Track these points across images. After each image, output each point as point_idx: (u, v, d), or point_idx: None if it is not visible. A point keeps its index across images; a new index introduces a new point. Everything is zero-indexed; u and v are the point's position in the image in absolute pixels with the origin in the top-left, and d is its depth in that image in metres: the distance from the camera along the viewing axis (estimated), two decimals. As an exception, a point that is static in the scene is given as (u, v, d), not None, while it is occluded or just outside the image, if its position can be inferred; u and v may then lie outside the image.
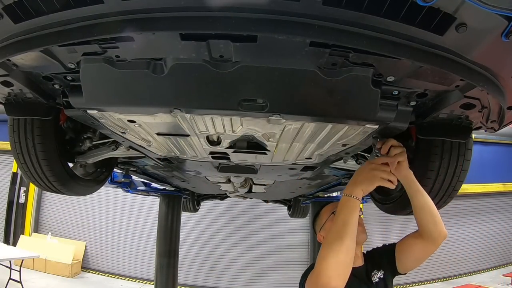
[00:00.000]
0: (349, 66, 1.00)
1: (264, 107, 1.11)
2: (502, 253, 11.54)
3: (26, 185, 10.22)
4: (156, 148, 1.78)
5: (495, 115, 1.28)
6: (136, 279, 9.72)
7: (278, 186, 3.02)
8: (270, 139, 1.46)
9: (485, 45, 0.91)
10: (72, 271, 9.19)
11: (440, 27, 0.86)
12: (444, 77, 1.05)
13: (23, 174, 1.96)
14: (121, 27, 0.87)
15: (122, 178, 3.82)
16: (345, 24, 0.85)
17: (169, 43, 0.95)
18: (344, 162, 1.98)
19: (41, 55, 1.03)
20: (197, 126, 1.37)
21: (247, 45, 0.91)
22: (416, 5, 0.78)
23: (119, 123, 1.43)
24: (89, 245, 10.09)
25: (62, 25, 0.92)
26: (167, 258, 5.57)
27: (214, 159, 1.83)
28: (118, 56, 1.02)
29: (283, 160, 1.81)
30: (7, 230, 10.39)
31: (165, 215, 5.52)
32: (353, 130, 1.34)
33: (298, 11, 0.82)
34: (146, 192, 5.06)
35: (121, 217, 10.14)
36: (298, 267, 9.69)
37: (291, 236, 9.94)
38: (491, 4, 0.76)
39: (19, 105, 1.51)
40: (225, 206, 9.43)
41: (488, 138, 10.34)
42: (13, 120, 1.76)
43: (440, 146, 1.57)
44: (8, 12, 0.92)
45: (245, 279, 9.71)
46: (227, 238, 9.91)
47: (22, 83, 1.26)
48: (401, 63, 0.98)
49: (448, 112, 1.27)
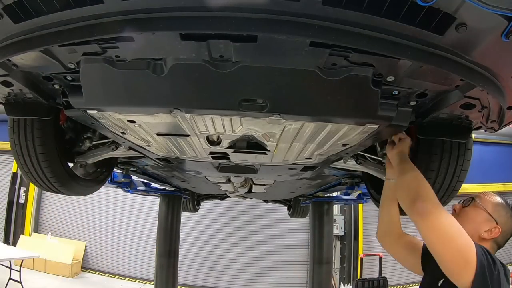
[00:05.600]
0: (349, 66, 1.00)
1: (264, 107, 1.11)
2: (502, 253, 11.51)
3: (26, 185, 10.21)
4: (156, 148, 1.78)
5: (495, 115, 1.28)
6: (136, 279, 9.71)
7: (278, 186, 3.02)
8: (270, 139, 1.46)
9: (485, 45, 0.91)
10: (72, 271, 9.18)
11: (440, 27, 0.86)
12: (444, 77, 1.05)
13: (23, 175, 1.96)
14: (121, 27, 0.87)
15: (122, 178, 3.81)
16: (345, 24, 0.85)
17: (169, 43, 0.95)
18: (344, 162, 1.99)
19: (41, 55, 1.03)
20: (197, 126, 1.37)
21: (247, 45, 0.91)
22: (416, 5, 0.78)
23: (119, 123, 1.43)
24: (89, 245, 10.08)
25: (62, 25, 0.92)
26: (167, 258, 5.57)
27: (214, 159, 1.83)
28: (118, 56, 1.02)
29: (283, 160, 1.81)
30: (7, 230, 10.38)
31: (165, 215, 5.52)
32: (353, 130, 1.34)
33: (298, 11, 0.83)
34: (146, 192, 5.05)
35: (121, 217, 10.13)
36: (298, 267, 9.69)
37: (291, 236, 9.93)
38: (491, 4, 0.76)
39: (19, 105, 1.51)
40: (225, 206, 9.42)
41: (488, 138, 10.33)
42: (13, 122, 1.76)
43: (440, 146, 1.57)
44: (8, 12, 0.92)
45: (244, 279, 9.70)
46: (227, 238, 9.91)
47: (22, 83, 1.26)
48: (401, 63, 0.98)
49: (448, 112, 1.27)
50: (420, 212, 1.33)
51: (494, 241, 1.46)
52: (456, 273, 1.27)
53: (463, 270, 1.24)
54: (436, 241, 1.30)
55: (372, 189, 2.31)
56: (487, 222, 1.45)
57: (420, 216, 1.33)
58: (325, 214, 5.36)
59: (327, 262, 5.44)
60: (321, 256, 5.37)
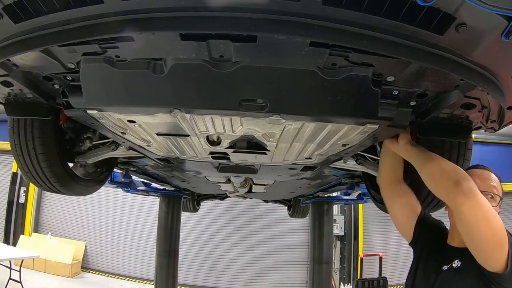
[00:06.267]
0: (349, 66, 1.00)
1: (264, 107, 1.11)
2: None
3: (26, 185, 10.21)
4: (156, 148, 1.78)
5: (495, 115, 1.28)
6: (136, 279, 9.71)
7: (278, 186, 3.02)
8: (270, 139, 1.46)
9: (485, 45, 0.91)
10: (72, 271, 9.18)
11: (440, 27, 0.86)
12: (444, 77, 1.05)
13: (23, 175, 1.96)
14: (121, 27, 0.87)
15: (122, 178, 3.81)
16: (345, 24, 0.85)
17: (169, 43, 0.95)
18: (344, 162, 1.98)
19: (41, 55, 1.03)
20: (197, 126, 1.37)
21: (247, 45, 0.91)
22: (416, 5, 0.78)
23: (119, 123, 1.43)
24: (89, 245, 10.08)
25: (62, 25, 0.92)
26: (167, 258, 5.57)
27: (214, 159, 1.83)
28: (118, 56, 1.02)
29: (283, 160, 1.81)
30: (7, 230, 10.38)
31: (165, 215, 5.52)
32: (353, 130, 1.34)
33: (298, 11, 0.83)
34: (146, 192, 5.06)
35: (121, 217, 10.13)
36: (298, 267, 9.69)
37: (291, 236, 9.93)
38: (491, 4, 0.76)
39: (19, 105, 1.51)
40: (225, 206, 9.41)
41: (488, 138, 10.32)
42: (13, 122, 1.76)
43: (440, 146, 1.57)
44: (8, 12, 0.92)
45: (244, 279, 9.70)
46: (227, 238, 9.91)
47: (22, 83, 1.26)
48: (401, 63, 0.98)
49: (448, 112, 1.27)
50: (466, 192, 1.26)
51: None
52: (490, 255, 1.23)
53: (498, 252, 1.21)
54: (481, 220, 1.23)
55: (372, 189, 2.31)
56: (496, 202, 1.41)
57: (466, 196, 1.26)
58: (325, 214, 5.36)
59: (327, 262, 5.45)
60: (321, 256, 5.37)
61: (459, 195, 1.27)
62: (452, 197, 1.30)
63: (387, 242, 9.09)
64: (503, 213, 1.35)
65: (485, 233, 1.23)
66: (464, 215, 1.26)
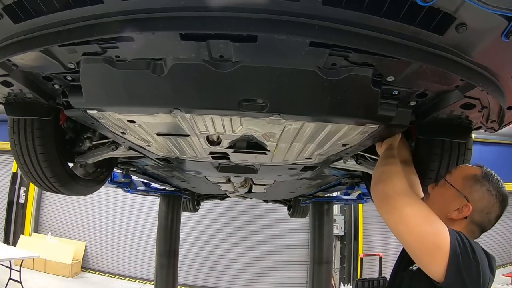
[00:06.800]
0: (349, 66, 1.00)
1: (264, 107, 1.11)
2: (502, 253, 11.51)
3: (26, 185, 10.21)
4: (156, 148, 1.78)
5: (495, 115, 1.28)
6: (136, 279, 9.71)
7: (278, 186, 3.02)
8: (270, 139, 1.46)
9: (485, 45, 0.91)
10: (72, 271, 9.18)
11: (440, 27, 0.86)
12: (444, 77, 1.05)
13: (23, 175, 1.96)
14: (121, 27, 0.87)
15: (122, 178, 3.81)
16: (345, 24, 0.85)
17: (169, 43, 0.95)
18: (344, 162, 1.98)
19: (41, 55, 1.03)
20: (197, 126, 1.37)
21: (247, 45, 0.91)
22: (416, 5, 0.78)
23: (119, 123, 1.43)
24: (89, 245, 10.08)
25: (62, 25, 0.92)
26: (167, 258, 5.57)
27: (214, 159, 1.83)
28: (118, 56, 1.02)
29: (283, 160, 1.81)
30: (7, 230, 10.38)
31: (165, 215, 5.52)
32: (353, 130, 1.34)
33: (298, 11, 0.83)
34: (146, 192, 5.06)
35: (121, 217, 10.13)
36: (298, 267, 9.69)
37: (291, 236, 9.93)
38: (491, 4, 0.76)
39: (19, 105, 1.51)
40: (225, 206, 9.42)
41: (488, 138, 10.32)
42: (13, 122, 1.76)
43: (440, 146, 1.57)
44: (8, 12, 0.92)
45: (245, 279, 9.70)
46: (227, 238, 9.91)
47: (22, 83, 1.26)
48: (401, 63, 0.98)
49: (448, 112, 1.27)
50: (378, 196, 1.24)
51: (472, 223, 1.23)
52: (423, 262, 1.12)
53: (431, 259, 1.09)
54: (399, 229, 1.15)
55: (372, 189, 2.31)
56: (456, 200, 1.23)
57: (378, 200, 1.23)
58: (325, 214, 5.36)
59: (327, 262, 5.45)
60: (321, 256, 5.37)
61: (374, 197, 1.28)
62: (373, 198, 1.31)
63: (387, 242, 9.07)
64: (503, 213, 1.34)
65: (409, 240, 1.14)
66: (386, 222, 1.20)
